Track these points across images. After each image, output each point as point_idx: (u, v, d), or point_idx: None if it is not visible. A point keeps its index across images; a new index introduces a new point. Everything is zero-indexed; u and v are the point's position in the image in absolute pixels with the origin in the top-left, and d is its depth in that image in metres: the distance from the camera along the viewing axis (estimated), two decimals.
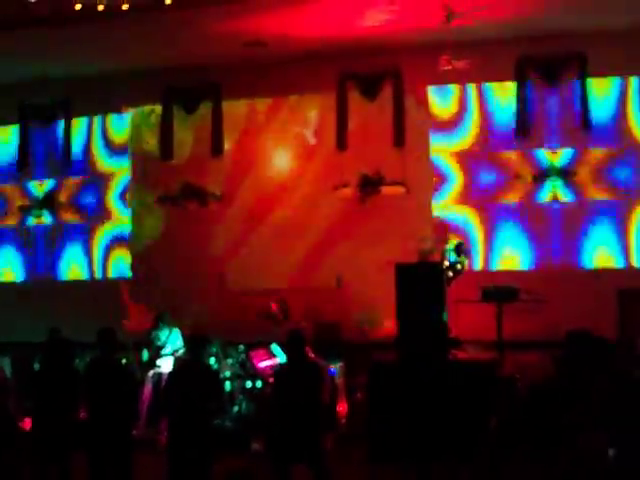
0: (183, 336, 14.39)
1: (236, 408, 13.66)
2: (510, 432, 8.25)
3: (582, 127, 15.24)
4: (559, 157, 15.42)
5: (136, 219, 17.86)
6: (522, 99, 15.56)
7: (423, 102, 16.21)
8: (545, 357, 13.30)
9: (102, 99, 17.70)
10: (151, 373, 14.12)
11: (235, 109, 17.27)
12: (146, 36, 14.92)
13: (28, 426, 10.27)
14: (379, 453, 11.97)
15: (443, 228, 15.04)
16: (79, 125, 18.17)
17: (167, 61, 16.31)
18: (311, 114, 16.92)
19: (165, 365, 14.09)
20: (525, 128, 15.52)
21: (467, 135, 16.04)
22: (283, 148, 17.01)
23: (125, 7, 13.15)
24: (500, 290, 13.24)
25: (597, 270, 15.13)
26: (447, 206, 16.02)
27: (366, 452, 12.19)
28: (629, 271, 15.04)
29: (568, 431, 7.84)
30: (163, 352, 14.32)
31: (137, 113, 17.93)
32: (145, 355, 14.18)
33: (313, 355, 10.12)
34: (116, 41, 15.18)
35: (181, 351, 14.12)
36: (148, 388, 13.96)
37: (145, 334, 14.62)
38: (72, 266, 18.28)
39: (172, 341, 14.46)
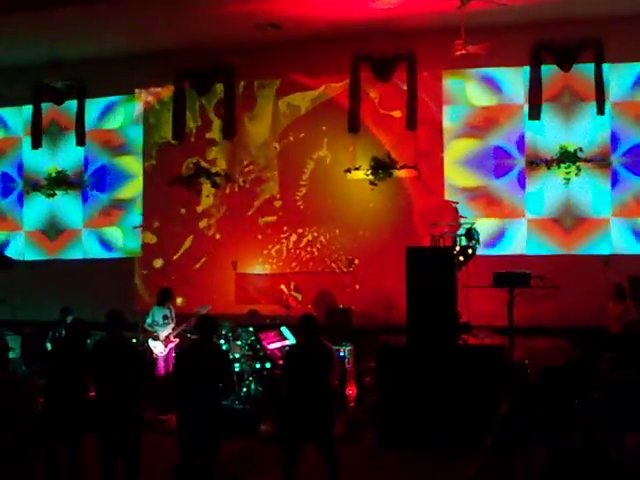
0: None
1: (245, 389, 13.66)
2: (521, 417, 8.24)
3: (597, 113, 15.16)
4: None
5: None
6: (536, 83, 15.49)
7: (437, 86, 16.15)
8: (556, 342, 13.38)
9: (115, 81, 17.69)
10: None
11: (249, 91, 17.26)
12: (159, 18, 14.90)
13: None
14: (387, 437, 11.97)
15: (454, 212, 14.97)
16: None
17: (180, 43, 16.28)
18: (324, 96, 16.85)
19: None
20: (538, 112, 15.45)
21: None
22: (296, 131, 16.95)
23: None
24: (512, 275, 13.19)
25: (607, 256, 15.07)
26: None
27: (374, 436, 12.22)
28: None
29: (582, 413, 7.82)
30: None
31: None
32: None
33: (323, 338, 10.07)
34: (129, 23, 15.18)
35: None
36: (160, 367, 14.12)
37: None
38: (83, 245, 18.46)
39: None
